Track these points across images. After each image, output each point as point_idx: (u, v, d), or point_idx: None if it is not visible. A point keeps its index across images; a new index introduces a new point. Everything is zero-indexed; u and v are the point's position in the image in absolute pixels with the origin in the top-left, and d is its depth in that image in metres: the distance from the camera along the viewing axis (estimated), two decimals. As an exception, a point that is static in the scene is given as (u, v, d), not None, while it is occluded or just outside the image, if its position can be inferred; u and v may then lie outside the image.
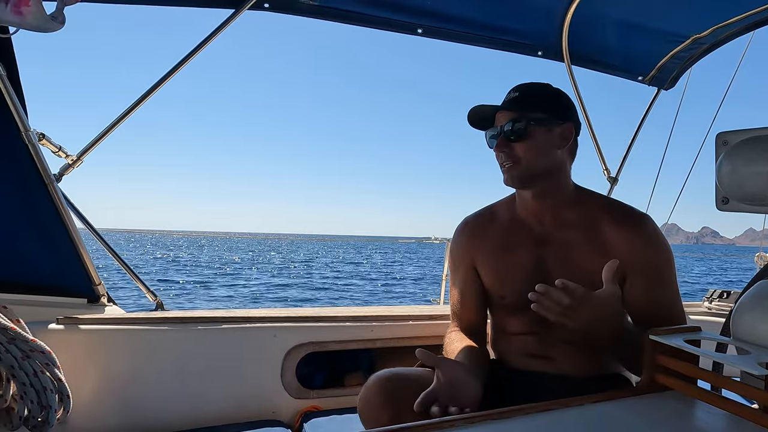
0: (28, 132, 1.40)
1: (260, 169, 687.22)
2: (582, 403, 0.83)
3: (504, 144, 1.17)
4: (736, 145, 0.85)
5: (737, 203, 0.88)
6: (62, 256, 1.53)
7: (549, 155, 1.18)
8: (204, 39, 1.67)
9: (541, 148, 1.17)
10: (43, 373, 1.21)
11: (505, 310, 1.28)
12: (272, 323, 1.67)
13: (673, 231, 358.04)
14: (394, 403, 1.07)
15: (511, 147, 1.17)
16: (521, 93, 1.19)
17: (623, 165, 2.42)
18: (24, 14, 0.92)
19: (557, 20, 2.05)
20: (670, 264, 1.16)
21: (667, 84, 2.42)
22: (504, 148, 1.17)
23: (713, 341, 0.93)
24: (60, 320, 1.45)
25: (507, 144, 1.17)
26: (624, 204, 1.24)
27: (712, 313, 2.17)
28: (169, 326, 1.56)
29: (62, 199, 1.49)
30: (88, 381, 1.45)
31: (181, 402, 1.55)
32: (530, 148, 1.16)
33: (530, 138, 1.16)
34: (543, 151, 1.17)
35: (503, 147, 1.17)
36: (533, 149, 1.16)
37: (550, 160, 1.18)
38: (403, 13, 1.90)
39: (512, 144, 1.17)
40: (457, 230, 1.38)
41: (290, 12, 1.78)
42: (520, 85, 1.21)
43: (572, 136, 1.21)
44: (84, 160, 1.58)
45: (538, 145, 1.16)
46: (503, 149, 1.17)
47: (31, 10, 0.92)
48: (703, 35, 2.13)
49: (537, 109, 1.17)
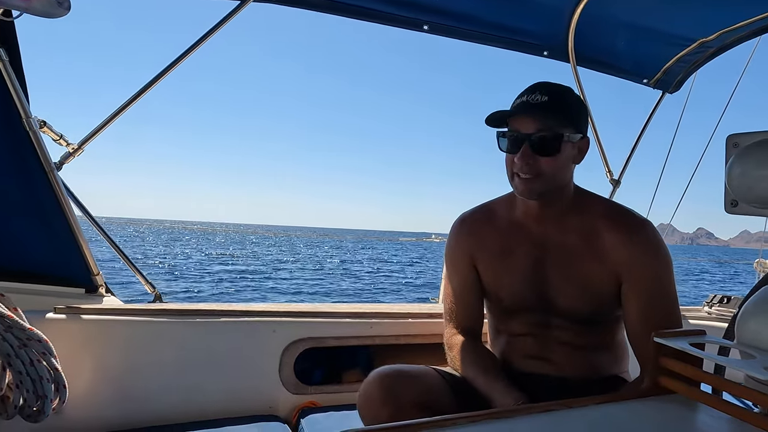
0: (30, 119, 1.39)
1: (262, 164, 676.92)
2: (584, 405, 0.82)
3: (529, 154, 1.08)
4: (747, 147, 0.84)
5: (747, 206, 0.87)
6: (61, 245, 1.52)
7: (568, 170, 1.14)
8: (209, 30, 1.66)
9: (565, 163, 1.12)
10: (39, 362, 1.20)
11: (503, 311, 1.27)
12: (271, 318, 1.66)
13: (669, 231, 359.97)
14: (394, 399, 1.06)
15: (536, 159, 1.09)
16: (551, 99, 1.08)
17: (626, 167, 2.41)
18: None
19: (564, 20, 2.04)
20: (668, 272, 1.15)
21: (672, 87, 2.41)
22: (529, 159, 1.09)
23: (716, 345, 0.93)
24: (58, 309, 1.44)
25: (532, 155, 1.08)
26: (625, 209, 1.21)
27: (712, 318, 2.17)
28: (167, 318, 1.55)
29: (62, 187, 1.48)
30: (85, 371, 1.44)
31: (178, 394, 1.54)
32: (557, 165, 1.10)
33: (558, 153, 1.09)
34: (565, 166, 1.13)
35: (528, 158, 1.08)
36: (558, 165, 1.10)
37: (568, 175, 1.15)
38: (409, 9, 1.89)
39: (538, 156, 1.09)
40: (454, 228, 1.33)
41: (296, 5, 1.77)
42: (548, 88, 1.10)
43: (588, 148, 1.16)
44: (85, 149, 1.57)
45: (564, 161, 1.11)
46: (527, 160, 1.08)
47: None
48: (710, 39, 2.12)
49: (568, 122, 1.10)
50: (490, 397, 1.10)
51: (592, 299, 1.16)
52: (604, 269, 1.14)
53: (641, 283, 1.12)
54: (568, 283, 1.16)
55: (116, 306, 1.56)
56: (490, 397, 1.11)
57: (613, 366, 1.24)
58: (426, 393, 1.11)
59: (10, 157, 1.42)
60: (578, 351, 1.19)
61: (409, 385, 1.10)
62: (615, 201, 1.28)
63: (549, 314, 1.20)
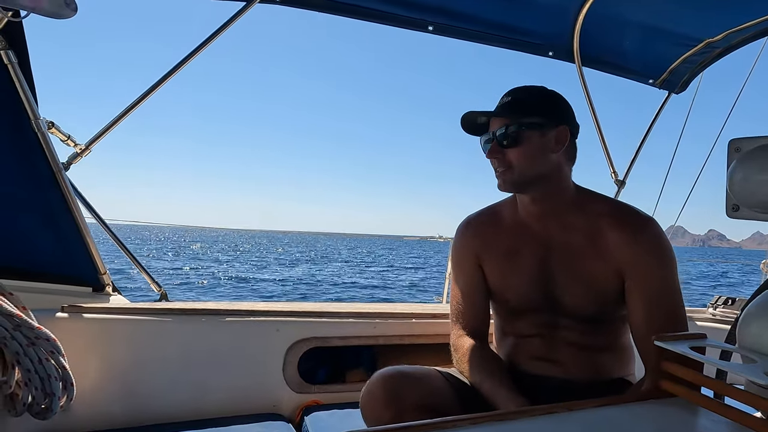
0: (38, 120, 1.41)
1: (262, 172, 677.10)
2: (585, 407, 0.83)
3: (497, 150, 1.16)
4: (750, 152, 0.84)
5: (748, 211, 0.87)
6: (69, 244, 1.54)
7: (543, 160, 1.16)
8: (214, 31, 1.67)
9: (535, 153, 1.15)
10: (47, 360, 1.22)
11: (510, 312, 1.28)
12: (276, 317, 1.67)
13: (680, 233, 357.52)
14: (397, 400, 1.07)
15: (504, 153, 1.16)
16: (513, 97, 1.17)
17: (631, 168, 2.41)
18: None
19: (569, 20, 2.03)
20: (672, 270, 1.15)
21: (678, 88, 2.39)
22: (497, 154, 1.16)
23: (718, 349, 0.93)
24: (65, 308, 1.46)
25: (500, 150, 1.16)
26: (628, 207, 1.22)
27: (716, 320, 2.16)
28: (172, 317, 1.57)
29: (70, 187, 1.49)
30: (92, 369, 1.46)
31: (183, 393, 1.56)
32: (523, 154, 1.15)
33: (523, 143, 1.14)
34: (536, 155, 1.15)
35: (496, 153, 1.16)
36: (526, 154, 1.15)
37: (544, 164, 1.17)
38: (414, 9, 1.89)
39: (505, 150, 1.16)
40: (460, 229, 1.36)
41: (301, 6, 1.77)
42: (513, 89, 1.19)
43: (568, 139, 1.18)
44: (92, 150, 1.59)
45: (531, 150, 1.15)
46: (496, 155, 1.16)
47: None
48: (716, 39, 2.11)
49: (530, 114, 1.15)
50: (495, 402, 1.11)
51: (597, 297, 1.17)
52: (608, 267, 1.15)
53: (645, 281, 1.13)
54: (573, 281, 1.17)
55: (123, 305, 1.57)
56: (495, 401, 1.11)
57: (619, 369, 1.24)
58: (429, 395, 1.12)
59: (18, 158, 1.44)
60: (584, 352, 1.20)
61: (411, 386, 1.10)
62: (618, 200, 1.28)
63: (555, 314, 1.20)
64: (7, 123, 1.40)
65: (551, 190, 1.19)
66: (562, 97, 1.21)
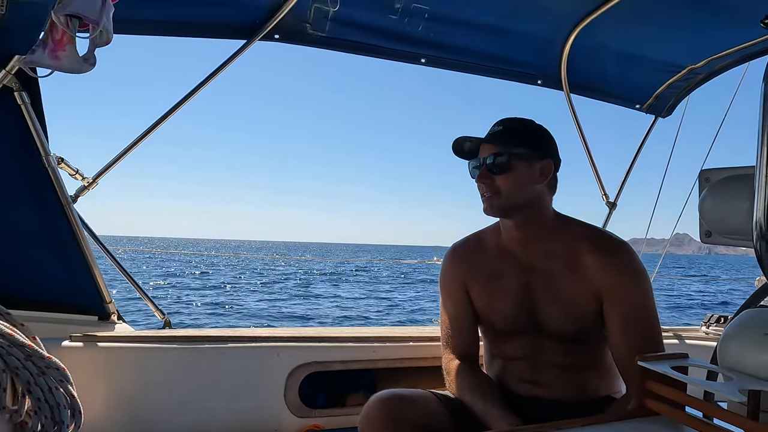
0: (49, 156, 1.47)
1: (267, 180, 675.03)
2: (572, 426, 0.86)
3: (486, 176, 1.22)
4: (718, 182, 0.90)
5: (719, 237, 0.93)
6: (77, 274, 1.59)
7: (528, 189, 1.23)
8: (216, 68, 1.75)
9: (521, 181, 1.22)
10: (57, 389, 1.26)
11: (496, 335, 1.33)
12: (276, 342, 1.71)
13: (685, 241, 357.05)
14: (395, 423, 1.10)
15: (493, 179, 1.22)
16: (505, 127, 1.24)
17: (622, 190, 2.46)
18: (60, 58, 0.99)
19: (556, 51, 2.12)
20: (645, 290, 1.20)
21: (665, 112, 2.47)
22: (485, 180, 1.22)
23: (704, 369, 0.96)
24: (73, 337, 1.50)
25: (489, 176, 1.22)
26: (603, 232, 1.30)
27: (709, 338, 2.19)
28: (176, 344, 1.60)
29: (78, 220, 1.55)
30: (99, 397, 1.49)
31: (188, 418, 1.58)
32: (511, 181, 1.21)
33: (511, 171, 1.21)
34: (523, 184, 1.22)
35: (485, 178, 1.23)
36: (513, 182, 1.21)
37: (529, 193, 1.23)
38: (407, 43, 1.97)
39: (494, 176, 1.22)
40: (447, 257, 1.42)
41: (299, 42, 1.86)
42: (505, 120, 1.26)
43: (551, 172, 1.26)
44: (99, 183, 1.65)
45: (518, 178, 1.22)
46: (485, 180, 1.23)
47: (67, 54, 0.98)
48: (699, 65, 2.19)
49: (519, 145, 1.22)
50: (487, 422, 1.15)
51: (577, 319, 1.22)
52: (587, 290, 1.21)
53: (620, 301, 1.18)
54: (555, 304, 1.22)
55: (128, 333, 1.61)
56: (487, 422, 1.15)
57: (606, 387, 1.28)
58: (425, 416, 1.15)
59: (30, 192, 1.50)
60: (569, 372, 1.24)
61: (409, 409, 1.14)
62: (594, 225, 1.35)
63: (539, 336, 1.25)
64: (20, 159, 1.46)
65: (533, 217, 1.26)
66: (548, 132, 1.29)
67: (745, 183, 0.86)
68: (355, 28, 1.86)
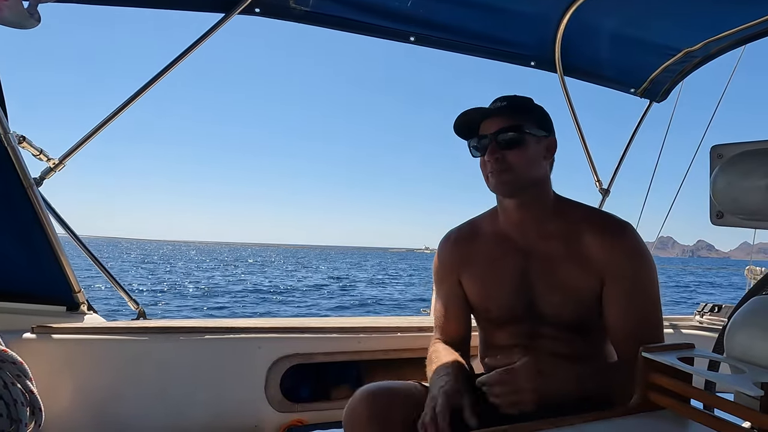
0: (8, 134, 1.37)
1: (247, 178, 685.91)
2: (572, 423, 0.80)
3: (496, 150, 1.15)
4: (732, 158, 0.83)
5: (732, 217, 0.86)
6: (41, 262, 1.49)
7: (537, 166, 1.18)
8: (193, 43, 1.65)
9: (532, 158, 1.16)
10: (14, 384, 1.16)
11: (491, 323, 1.27)
12: (256, 333, 1.63)
13: (669, 244, 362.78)
14: (381, 417, 1.06)
15: (504, 154, 1.15)
16: (510, 103, 1.18)
17: (615, 176, 2.42)
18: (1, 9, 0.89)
19: (550, 31, 2.05)
20: (650, 275, 1.15)
21: (659, 96, 2.42)
22: (497, 154, 1.15)
23: (705, 359, 0.91)
24: (35, 329, 1.40)
25: (499, 150, 1.15)
26: (605, 213, 1.24)
27: (703, 328, 2.16)
28: (150, 336, 1.52)
29: (42, 203, 1.45)
30: (64, 393, 1.41)
31: (162, 414, 1.50)
32: (524, 156, 1.15)
33: (524, 146, 1.15)
34: (533, 161, 1.17)
35: (495, 153, 1.15)
36: (525, 158, 1.15)
37: (537, 170, 1.18)
38: (395, 20, 1.89)
39: (505, 151, 1.15)
40: (441, 244, 1.37)
41: (281, 17, 1.76)
42: (507, 96, 1.20)
43: (555, 149, 1.22)
44: (66, 164, 1.55)
45: (530, 153, 1.16)
46: (496, 155, 1.15)
47: (9, 5, 0.88)
48: (695, 48, 2.14)
49: (528, 120, 1.17)
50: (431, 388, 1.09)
51: (576, 305, 1.16)
52: (587, 273, 1.15)
53: (621, 284, 1.13)
54: (553, 289, 1.17)
55: (97, 324, 1.52)
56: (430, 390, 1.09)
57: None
58: (413, 409, 1.09)
59: None
60: (568, 362, 1.18)
61: (395, 402, 1.08)
62: (595, 207, 1.29)
63: (537, 323, 1.19)
64: None
65: (537, 197, 1.21)
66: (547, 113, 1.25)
67: (762, 159, 0.79)
68: (341, 2, 1.78)
